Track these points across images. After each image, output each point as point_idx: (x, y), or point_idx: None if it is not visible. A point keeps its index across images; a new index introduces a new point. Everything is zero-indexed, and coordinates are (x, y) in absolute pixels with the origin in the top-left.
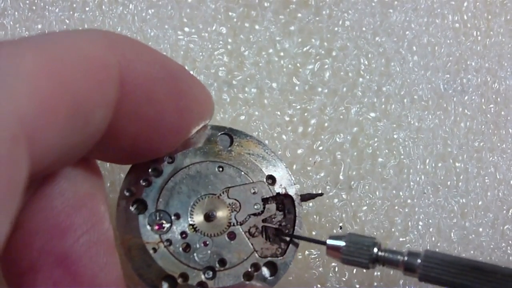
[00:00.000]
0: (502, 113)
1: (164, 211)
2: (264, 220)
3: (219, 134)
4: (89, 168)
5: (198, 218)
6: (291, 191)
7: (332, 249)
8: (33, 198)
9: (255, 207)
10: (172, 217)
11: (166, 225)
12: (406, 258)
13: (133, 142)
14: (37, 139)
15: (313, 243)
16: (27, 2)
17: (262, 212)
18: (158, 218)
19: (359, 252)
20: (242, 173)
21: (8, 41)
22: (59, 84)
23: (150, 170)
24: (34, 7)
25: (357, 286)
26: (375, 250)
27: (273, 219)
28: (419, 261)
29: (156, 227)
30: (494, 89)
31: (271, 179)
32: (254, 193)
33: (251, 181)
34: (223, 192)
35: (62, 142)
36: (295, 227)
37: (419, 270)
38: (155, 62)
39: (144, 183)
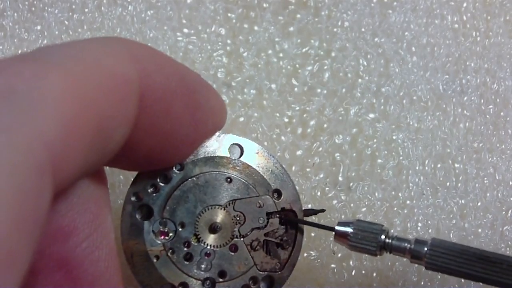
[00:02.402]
0: (501, 113)
1: (169, 219)
2: (266, 234)
3: (230, 144)
4: (94, 172)
5: (202, 229)
6: (296, 207)
7: (340, 235)
8: None
9: (259, 221)
10: (177, 226)
11: (171, 234)
12: (413, 246)
13: (145, 154)
14: (61, 166)
15: (321, 228)
16: (26, 3)
17: (266, 226)
18: (163, 226)
19: (366, 239)
20: (250, 185)
21: (30, 57)
22: (85, 107)
23: (158, 177)
24: (33, 8)
25: (356, 287)
26: (383, 237)
27: (275, 233)
28: (425, 249)
29: (161, 235)
30: (493, 89)
31: (277, 193)
32: (259, 206)
33: (258, 195)
34: (229, 204)
35: (83, 165)
36: (296, 243)
37: (425, 258)
38: (174, 74)
39: (151, 189)
